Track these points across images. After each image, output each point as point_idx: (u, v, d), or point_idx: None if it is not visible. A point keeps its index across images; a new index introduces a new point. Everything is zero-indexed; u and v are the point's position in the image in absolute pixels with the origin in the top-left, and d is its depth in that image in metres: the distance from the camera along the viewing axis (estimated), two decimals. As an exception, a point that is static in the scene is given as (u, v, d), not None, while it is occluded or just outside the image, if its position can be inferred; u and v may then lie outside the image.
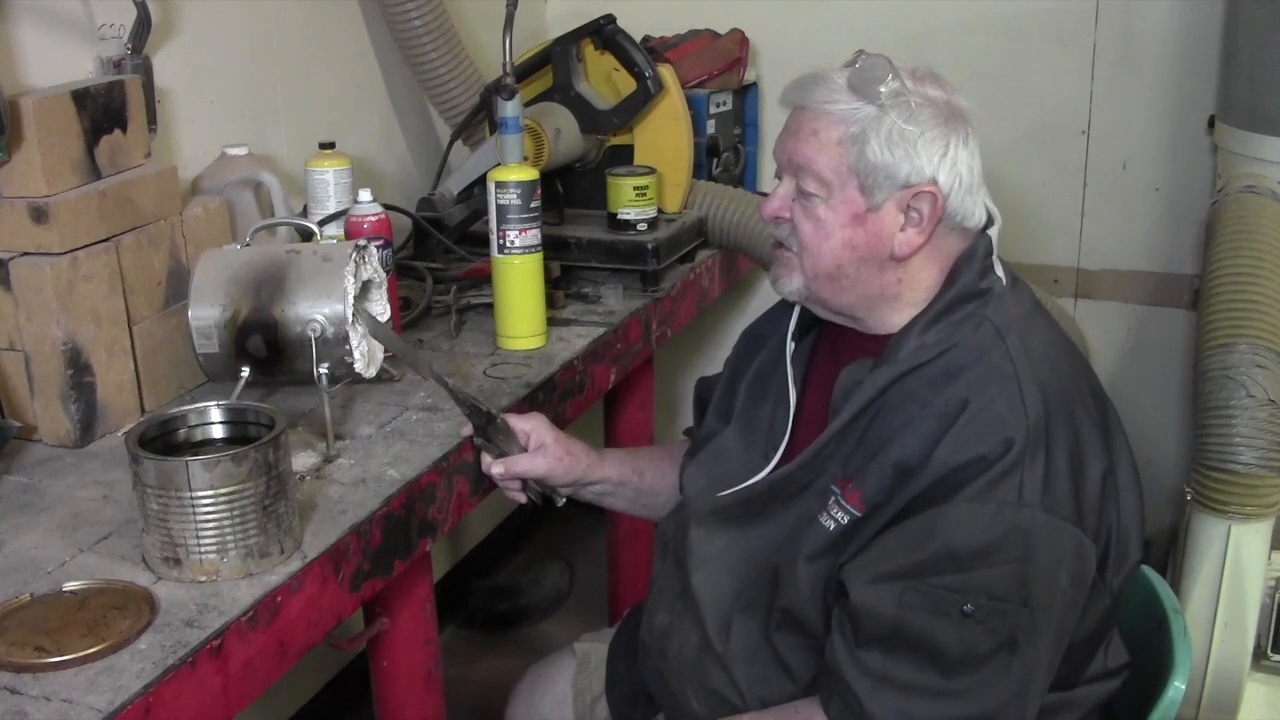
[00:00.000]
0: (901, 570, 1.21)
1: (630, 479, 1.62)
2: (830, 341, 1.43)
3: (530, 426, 1.54)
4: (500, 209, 1.78)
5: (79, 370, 1.52)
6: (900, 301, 1.33)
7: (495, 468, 1.52)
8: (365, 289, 1.59)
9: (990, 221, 1.37)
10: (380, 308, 1.62)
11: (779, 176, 1.36)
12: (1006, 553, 1.18)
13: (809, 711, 1.29)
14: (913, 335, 1.29)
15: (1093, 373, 1.39)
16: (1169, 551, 2.32)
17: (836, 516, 1.28)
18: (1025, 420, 1.21)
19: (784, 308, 1.50)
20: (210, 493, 1.18)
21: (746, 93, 2.67)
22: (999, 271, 1.35)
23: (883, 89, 1.27)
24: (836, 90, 1.29)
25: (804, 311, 1.45)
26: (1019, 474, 1.19)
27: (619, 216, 2.15)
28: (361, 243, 1.59)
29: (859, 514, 1.26)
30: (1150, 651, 1.43)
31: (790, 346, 1.45)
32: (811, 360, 1.45)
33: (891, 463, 1.24)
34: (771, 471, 1.39)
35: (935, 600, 1.20)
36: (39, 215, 1.48)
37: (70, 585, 1.21)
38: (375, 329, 1.53)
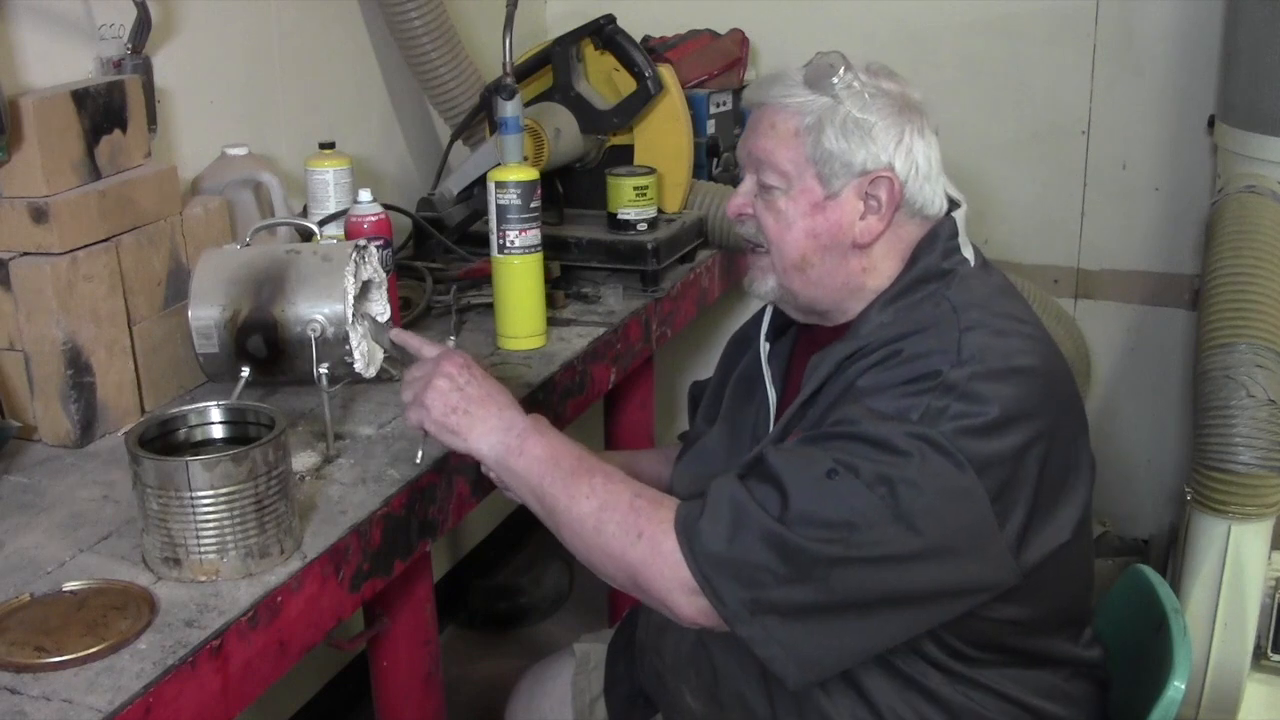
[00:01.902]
0: (803, 437, 1.26)
1: (628, 482, 1.63)
2: (806, 339, 1.45)
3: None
4: (500, 209, 1.78)
5: (79, 370, 1.52)
6: (864, 291, 1.35)
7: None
8: (365, 289, 1.59)
9: (954, 205, 1.39)
10: (380, 308, 1.62)
11: (742, 176, 1.39)
12: (891, 452, 1.18)
13: (662, 495, 1.30)
14: (873, 313, 1.32)
15: (1061, 358, 1.34)
16: (1169, 551, 2.32)
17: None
18: (954, 369, 1.21)
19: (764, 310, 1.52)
20: (210, 493, 1.18)
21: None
22: (966, 253, 1.36)
23: (836, 80, 1.31)
24: (793, 85, 1.34)
25: (776, 312, 1.47)
26: (928, 400, 1.20)
27: (619, 216, 2.15)
28: (361, 243, 1.59)
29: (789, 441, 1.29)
30: (1150, 651, 1.43)
31: (765, 347, 1.47)
32: (790, 359, 1.46)
33: (827, 403, 1.28)
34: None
35: (811, 456, 1.21)
36: (39, 215, 1.48)
37: (70, 585, 1.21)
38: (376, 333, 1.53)
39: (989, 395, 1.20)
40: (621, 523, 1.26)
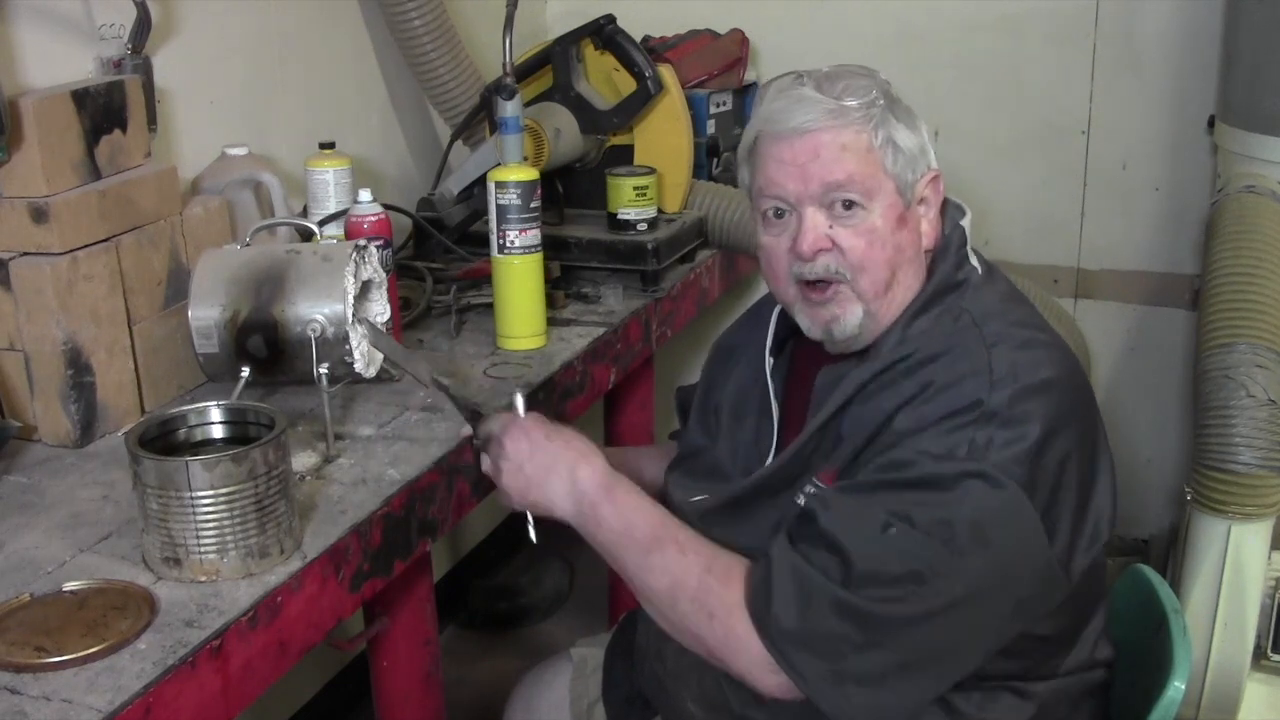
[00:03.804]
0: (847, 486, 1.24)
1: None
2: (807, 353, 1.42)
3: (529, 428, 1.53)
4: (500, 209, 1.78)
5: (79, 370, 1.52)
6: (895, 303, 1.33)
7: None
8: (365, 289, 1.59)
9: (961, 212, 1.38)
10: (380, 308, 1.62)
11: (782, 213, 1.32)
12: (943, 492, 1.18)
13: (733, 563, 1.27)
14: (895, 331, 1.31)
15: (1074, 358, 1.35)
16: (1169, 551, 2.32)
17: (809, 494, 1.29)
18: (991, 393, 1.20)
19: (755, 319, 1.50)
20: (210, 493, 1.18)
21: (746, 93, 2.67)
22: (974, 262, 1.35)
23: (876, 90, 1.29)
24: (830, 104, 1.28)
25: (779, 326, 1.44)
26: (973, 431, 1.19)
27: (619, 216, 2.15)
28: (361, 243, 1.59)
29: (830, 488, 1.28)
30: (1150, 651, 1.43)
31: (769, 362, 1.45)
32: (790, 373, 1.44)
33: (861, 439, 1.26)
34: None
35: (863, 511, 1.20)
36: (39, 215, 1.48)
37: (70, 585, 1.21)
38: (374, 337, 1.53)
39: (1029, 414, 1.20)
40: (693, 602, 1.25)
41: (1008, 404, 1.20)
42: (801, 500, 1.30)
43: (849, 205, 1.29)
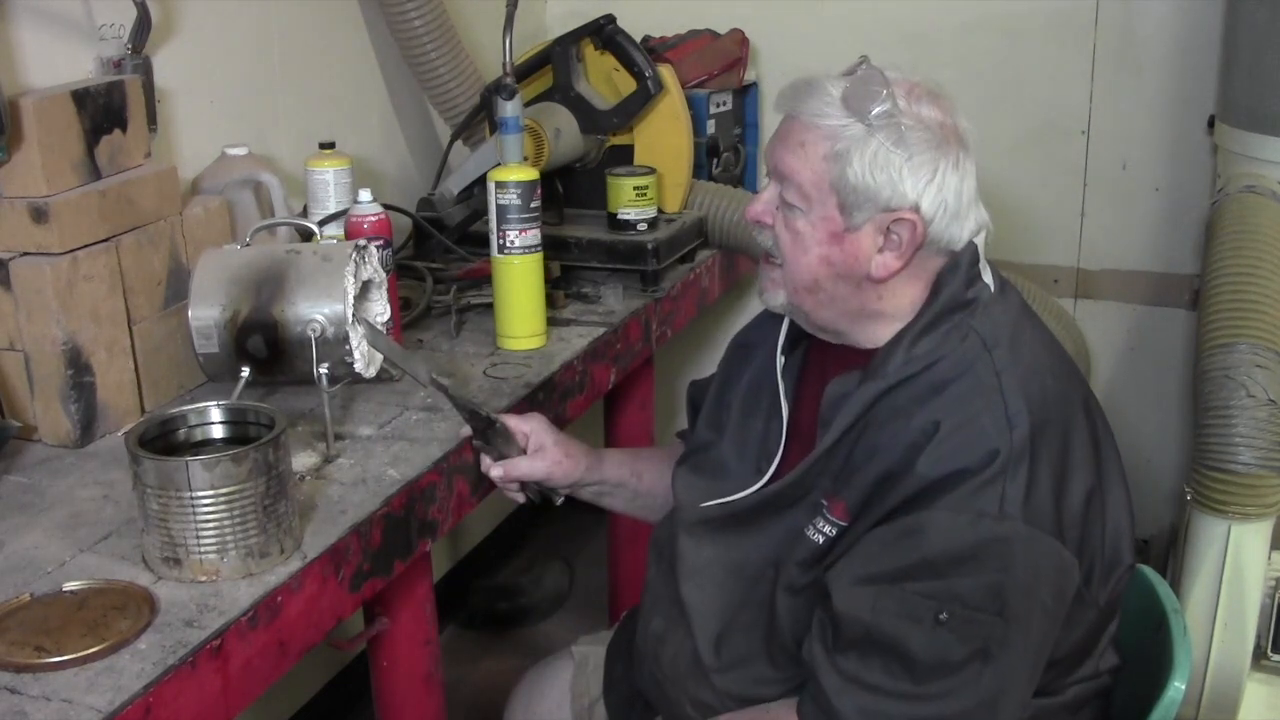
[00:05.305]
0: (879, 575, 1.21)
1: (629, 480, 1.62)
2: (819, 355, 1.41)
3: (529, 428, 1.54)
4: (500, 209, 1.78)
5: (79, 370, 1.52)
6: (884, 317, 1.31)
7: (494, 470, 1.52)
8: (365, 289, 1.59)
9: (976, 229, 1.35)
10: (380, 308, 1.62)
11: (770, 179, 1.35)
12: (984, 562, 1.18)
13: (782, 712, 1.29)
14: (900, 349, 1.28)
15: (1083, 380, 1.37)
16: (1169, 551, 2.32)
17: (824, 530, 1.28)
18: (1009, 434, 1.20)
19: (771, 317, 1.49)
20: (210, 493, 1.18)
21: (746, 93, 2.67)
22: (986, 278, 1.32)
23: (874, 109, 1.24)
24: (829, 103, 1.27)
25: (793, 325, 1.44)
26: (1001, 485, 1.18)
27: (619, 216, 2.15)
28: (361, 243, 1.59)
29: (844, 525, 1.26)
30: (1150, 651, 1.43)
31: (780, 361, 1.44)
32: (801, 374, 1.43)
33: (875, 475, 1.24)
34: (763, 486, 1.38)
35: (910, 606, 1.19)
36: (39, 215, 1.48)
37: (70, 585, 1.21)
38: (373, 338, 1.53)
39: (1047, 455, 1.21)
40: None
41: (1022, 449, 1.20)
42: (811, 534, 1.29)
43: (789, 200, 1.30)
